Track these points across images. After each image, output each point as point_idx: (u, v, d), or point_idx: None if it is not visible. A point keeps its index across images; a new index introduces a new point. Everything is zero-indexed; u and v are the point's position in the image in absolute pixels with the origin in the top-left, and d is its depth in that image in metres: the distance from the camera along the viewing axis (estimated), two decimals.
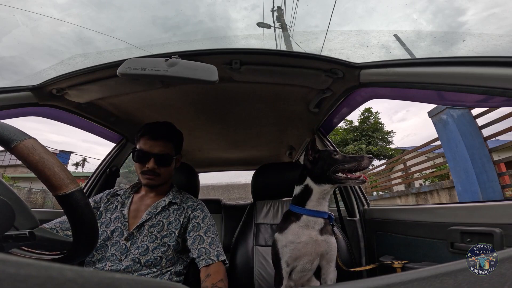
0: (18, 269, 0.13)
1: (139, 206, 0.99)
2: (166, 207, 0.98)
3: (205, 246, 0.92)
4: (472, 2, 60.60)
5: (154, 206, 0.97)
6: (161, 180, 1.00)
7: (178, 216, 0.98)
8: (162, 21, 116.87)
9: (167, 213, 0.97)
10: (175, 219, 0.97)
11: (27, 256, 0.53)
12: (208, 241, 0.93)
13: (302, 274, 0.90)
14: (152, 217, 0.94)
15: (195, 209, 1.02)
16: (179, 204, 1.02)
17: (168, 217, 0.96)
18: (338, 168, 0.88)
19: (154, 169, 0.96)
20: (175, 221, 0.96)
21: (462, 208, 0.81)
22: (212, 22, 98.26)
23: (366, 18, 62.16)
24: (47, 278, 0.13)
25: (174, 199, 1.01)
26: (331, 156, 0.91)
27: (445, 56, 0.71)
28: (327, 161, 0.91)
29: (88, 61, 1.05)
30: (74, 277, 0.14)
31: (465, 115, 3.63)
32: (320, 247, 0.88)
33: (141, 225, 0.92)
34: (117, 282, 0.16)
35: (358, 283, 0.23)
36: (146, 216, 0.93)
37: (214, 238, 0.96)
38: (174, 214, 0.98)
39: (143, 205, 0.99)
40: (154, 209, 0.96)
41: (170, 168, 1.02)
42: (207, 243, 0.93)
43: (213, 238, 0.96)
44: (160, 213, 0.96)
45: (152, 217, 0.94)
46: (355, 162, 0.87)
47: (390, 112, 50.10)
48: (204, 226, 0.97)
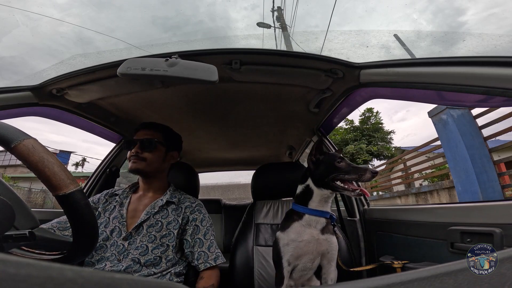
0: (18, 269, 0.13)
1: (137, 206, 0.99)
2: (164, 207, 0.99)
3: (204, 249, 0.94)
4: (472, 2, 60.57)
5: (152, 205, 0.97)
6: (146, 166, 1.00)
7: (176, 216, 0.98)
8: (162, 21, 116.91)
9: (165, 213, 0.97)
10: (174, 219, 0.97)
11: (27, 256, 0.53)
12: (207, 244, 0.96)
13: (302, 273, 0.90)
14: (150, 217, 0.94)
15: (194, 210, 1.02)
16: (177, 203, 1.02)
17: (167, 217, 0.96)
18: (338, 176, 0.87)
19: (137, 153, 0.99)
20: (174, 221, 0.96)
21: (462, 208, 0.81)
22: (212, 22, 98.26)
23: (366, 18, 62.16)
24: (47, 278, 0.13)
25: (171, 198, 1.02)
26: (333, 163, 0.90)
27: (445, 56, 0.71)
28: (328, 166, 0.90)
29: (88, 61, 1.05)
30: (74, 277, 0.14)
31: (465, 115, 3.63)
32: (321, 246, 0.88)
33: (140, 225, 0.92)
34: (117, 282, 0.16)
35: (358, 283, 0.23)
36: (144, 216, 0.94)
37: (213, 241, 0.99)
38: (173, 214, 0.98)
39: (141, 205, 0.99)
40: (152, 209, 0.96)
41: (156, 154, 1.02)
42: (206, 247, 0.95)
43: (212, 241, 0.98)
44: (158, 213, 0.96)
45: (151, 217, 0.94)
46: (356, 174, 0.84)
47: (390, 112, 50.11)
48: (203, 228, 0.98)
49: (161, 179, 1.07)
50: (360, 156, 13.03)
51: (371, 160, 13.42)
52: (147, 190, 1.04)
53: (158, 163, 1.04)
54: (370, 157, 13.24)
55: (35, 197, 13.44)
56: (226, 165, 2.56)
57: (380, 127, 14.52)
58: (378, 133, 14.17)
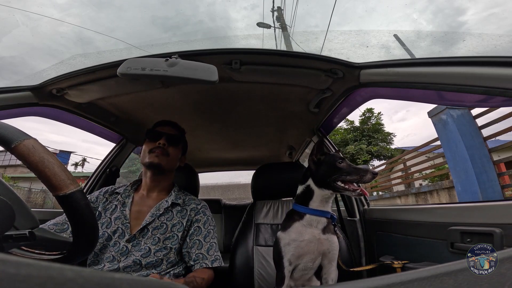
0: (18, 269, 0.13)
1: (141, 207, 0.97)
2: (169, 208, 0.97)
3: (202, 252, 0.93)
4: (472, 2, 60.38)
5: (156, 207, 0.95)
6: (167, 163, 0.99)
7: (181, 219, 0.97)
8: (162, 21, 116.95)
9: (170, 215, 0.96)
10: (179, 221, 0.95)
11: (27, 256, 0.53)
12: (206, 246, 0.95)
13: (303, 273, 0.90)
14: (155, 219, 0.93)
15: (198, 212, 1.01)
16: (182, 205, 1.00)
17: (172, 219, 0.95)
18: (339, 177, 0.87)
19: (164, 146, 0.97)
20: (179, 224, 0.95)
21: (462, 208, 0.81)
22: (212, 22, 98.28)
23: (366, 18, 62.19)
24: (47, 278, 0.13)
25: (176, 199, 1.00)
26: (335, 163, 0.89)
27: (445, 56, 0.71)
28: (330, 167, 0.90)
29: (88, 61, 1.05)
30: (74, 277, 0.14)
31: (465, 115, 3.64)
32: (322, 245, 0.88)
33: (145, 227, 0.91)
34: (117, 282, 0.16)
35: (358, 283, 0.23)
36: (149, 218, 0.92)
37: (213, 244, 0.97)
38: (178, 216, 0.97)
39: (145, 206, 0.97)
40: (157, 211, 0.94)
41: (177, 152, 1.02)
42: (205, 249, 0.94)
43: (212, 244, 0.96)
44: (163, 215, 0.95)
45: (156, 219, 0.93)
46: (357, 175, 0.84)
47: (390, 112, 50.14)
48: (204, 230, 0.97)
49: (169, 180, 1.06)
50: (360, 156, 13.05)
51: (371, 160, 13.44)
52: (152, 189, 1.02)
53: (176, 162, 1.04)
54: (370, 157, 13.26)
55: (35, 197, 13.45)
56: (226, 165, 2.56)
57: (380, 128, 14.56)
58: (378, 133, 14.22)
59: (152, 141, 1.00)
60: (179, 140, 1.03)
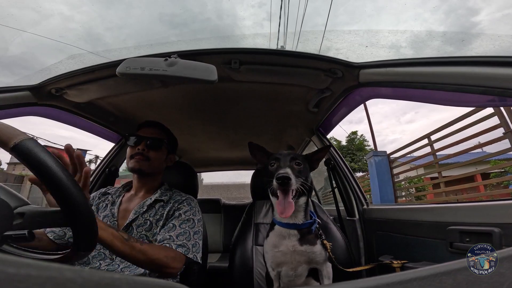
0: (18, 269, 0.13)
1: (128, 206, 0.97)
2: (152, 205, 0.96)
3: (171, 234, 0.85)
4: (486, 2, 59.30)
5: (140, 205, 0.95)
6: (149, 167, 0.98)
7: (163, 211, 0.95)
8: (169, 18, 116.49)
9: (153, 211, 0.95)
10: (161, 215, 0.94)
11: (27, 256, 0.53)
12: (178, 231, 0.87)
13: (290, 278, 0.87)
14: (138, 216, 0.92)
15: (182, 202, 0.98)
16: (166, 201, 0.99)
17: (155, 215, 0.94)
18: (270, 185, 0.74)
19: (143, 151, 0.97)
20: (161, 217, 0.93)
21: (461, 207, 0.82)
22: (219, 19, 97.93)
23: (366, 18, 62.20)
24: (47, 278, 0.13)
25: (161, 196, 0.99)
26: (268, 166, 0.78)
27: (445, 56, 0.71)
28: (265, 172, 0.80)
29: (87, 61, 1.05)
30: (74, 277, 0.14)
31: (384, 159, 5.90)
32: (301, 256, 0.83)
33: (129, 225, 0.90)
34: (116, 282, 0.16)
35: (357, 283, 0.23)
36: (132, 216, 0.92)
37: (188, 231, 0.88)
38: (160, 210, 0.95)
39: (131, 205, 0.97)
40: (140, 208, 0.94)
41: (159, 155, 1.01)
42: (175, 233, 0.86)
43: (186, 231, 0.88)
44: (146, 212, 0.94)
45: (139, 216, 0.92)
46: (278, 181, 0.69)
47: (398, 113, 48.57)
48: (184, 217, 0.92)
49: (156, 180, 1.05)
50: None
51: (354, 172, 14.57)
52: (140, 189, 1.02)
53: (159, 164, 1.03)
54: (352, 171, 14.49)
55: None
56: (226, 164, 2.56)
57: (363, 147, 18.32)
58: (361, 152, 17.87)
59: (132, 146, 0.99)
60: (160, 143, 1.01)
